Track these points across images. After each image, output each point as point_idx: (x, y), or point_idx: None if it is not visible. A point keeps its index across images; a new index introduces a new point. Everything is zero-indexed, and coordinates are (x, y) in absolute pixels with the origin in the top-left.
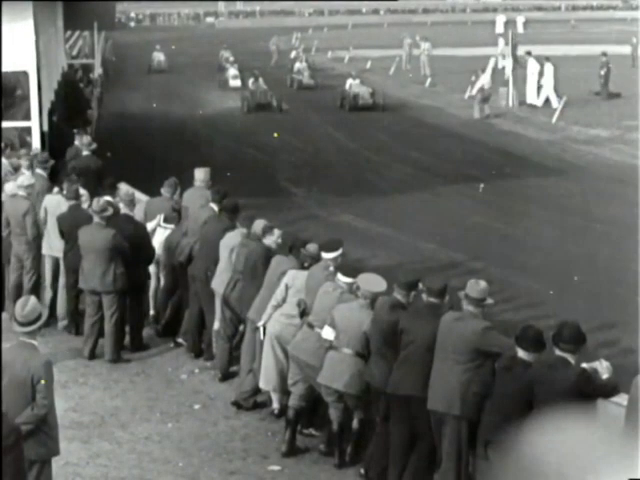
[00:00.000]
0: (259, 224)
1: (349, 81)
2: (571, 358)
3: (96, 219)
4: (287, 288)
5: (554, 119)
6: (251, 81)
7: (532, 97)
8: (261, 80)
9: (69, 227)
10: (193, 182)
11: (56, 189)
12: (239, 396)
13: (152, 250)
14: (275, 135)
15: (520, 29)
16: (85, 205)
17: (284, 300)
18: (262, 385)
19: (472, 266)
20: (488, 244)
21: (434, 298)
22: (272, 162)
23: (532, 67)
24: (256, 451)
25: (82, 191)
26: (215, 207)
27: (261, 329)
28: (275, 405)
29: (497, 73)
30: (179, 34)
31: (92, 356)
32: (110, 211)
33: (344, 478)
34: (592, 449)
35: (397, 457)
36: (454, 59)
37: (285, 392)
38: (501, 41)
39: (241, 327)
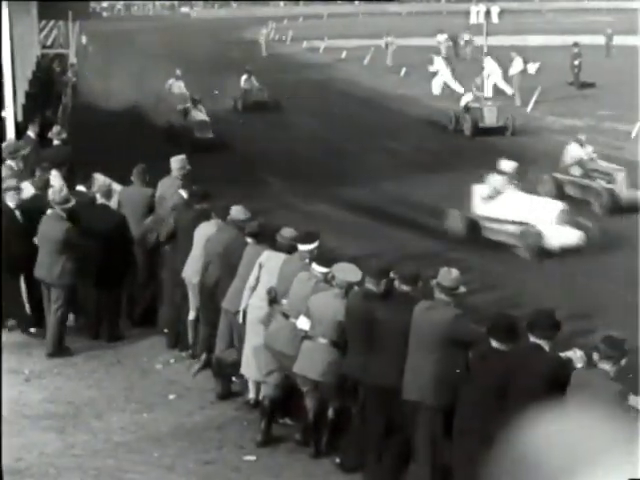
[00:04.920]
0: (237, 210)
1: None
2: (545, 345)
3: (57, 210)
4: (260, 267)
5: (529, 109)
6: (244, 78)
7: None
8: (254, 77)
9: (28, 217)
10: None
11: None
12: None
13: (130, 240)
14: None
15: (495, 19)
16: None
17: (258, 280)
18: (244, 371)
19: (450, 256)
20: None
21: (406, 285)
22: (250, 153)
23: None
24: (232, 441)
25: (58, 181)
26: (184, 194)
27: (241, 313)
28: (251, 395)
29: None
30: (154, 24)
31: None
32: (72, 203)
33: (320, 468)
34: (569, 439)
35: (373, 447)
36: (430, 49)
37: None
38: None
39: None
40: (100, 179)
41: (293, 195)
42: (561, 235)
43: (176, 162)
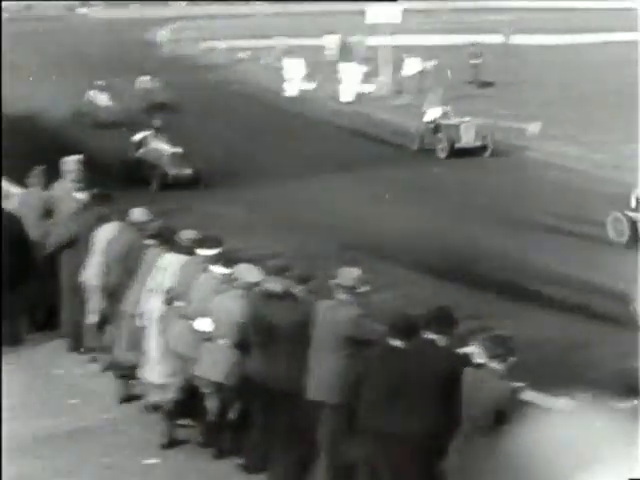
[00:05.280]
0: (138, 212)
1: None
2: (441, 340)
3: None
4: (160, 269)
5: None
6: (144, 79)
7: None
8: (153, 78)
9: None
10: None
11: None
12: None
13: (28, 243)
14: None
15: (397, 19)
16: None
17: (157, 282)
18: (145, 374)
19: (347, 255)
20: (364, 234)
21: (299, 285)
22: None
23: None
24: (134, 444)
25: None
26: (81, 197)
27: (141, 316)
28: (153, 397)
29: None
30: (52, 25)
31: None
32: None
33: (222, 469)
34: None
35: (277, 448)
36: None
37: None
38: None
39: None
40: None
41: (194, 197)
42: None
43: (68, 164)
